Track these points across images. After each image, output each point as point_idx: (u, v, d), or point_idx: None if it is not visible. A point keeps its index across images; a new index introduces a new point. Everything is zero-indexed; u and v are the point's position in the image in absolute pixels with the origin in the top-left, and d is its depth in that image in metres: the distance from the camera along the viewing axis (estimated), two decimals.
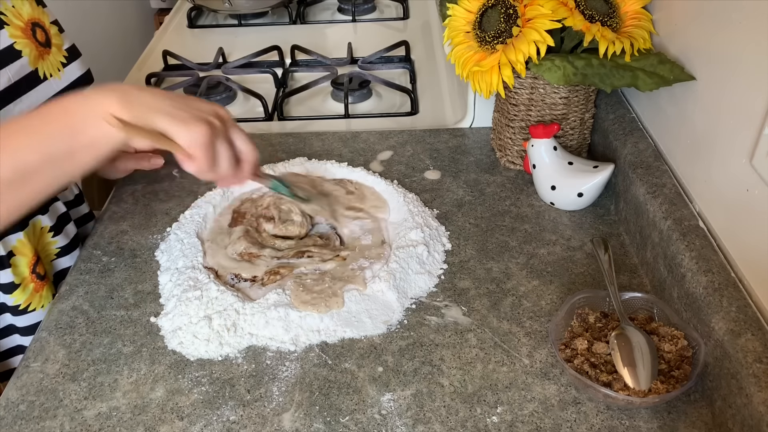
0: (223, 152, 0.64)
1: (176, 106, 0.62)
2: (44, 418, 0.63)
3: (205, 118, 0.62)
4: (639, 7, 0.82)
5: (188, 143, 0.61)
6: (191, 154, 0.62)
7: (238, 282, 0.76)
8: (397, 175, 0.94)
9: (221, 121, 0.64)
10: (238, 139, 0.66)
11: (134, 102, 0.60)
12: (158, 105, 0.61)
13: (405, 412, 0.63)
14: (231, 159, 0.65)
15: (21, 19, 0.75)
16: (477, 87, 0.83)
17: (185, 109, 0.62)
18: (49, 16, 0.81)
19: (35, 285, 0.79)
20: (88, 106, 0.59)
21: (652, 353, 0.62)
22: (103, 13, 2.17)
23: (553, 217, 0.86)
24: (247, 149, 0.67)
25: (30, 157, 0.59)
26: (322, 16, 1.56)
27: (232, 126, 0.66)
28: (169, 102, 0.62)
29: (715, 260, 0.66)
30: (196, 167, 0.63)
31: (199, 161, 0.62)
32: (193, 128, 0.60)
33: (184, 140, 0.61)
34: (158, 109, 0.60)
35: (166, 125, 0.60)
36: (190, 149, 0.61)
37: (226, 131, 0.65)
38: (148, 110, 0.60)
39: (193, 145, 0.61)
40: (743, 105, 0.65)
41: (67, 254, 0.85)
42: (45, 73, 0.77)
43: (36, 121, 0.60)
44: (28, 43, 0.75)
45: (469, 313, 0.73)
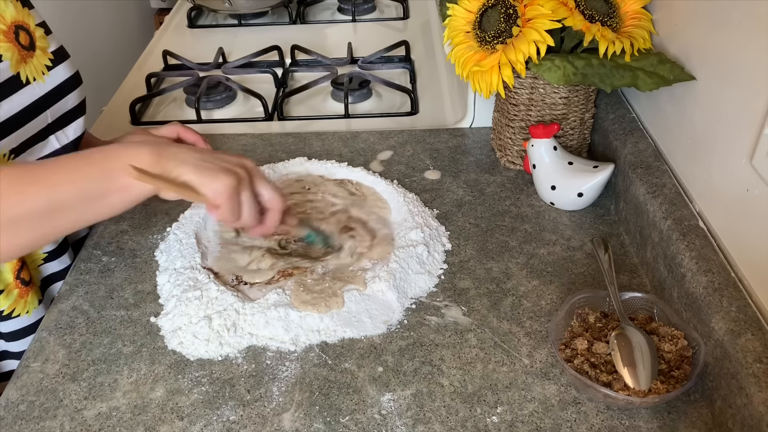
0: (247, 202, 0.67)
1: (204, 159, 0.66)
2: (44, 418, 0.63)
3: (230, 170, 0.65)
4: (639, 7, 0.82)
5: (213, 194, 0.64)
6: (216, 204, 0.65)
7: (238, 284, 0.76)
8: (397, 175, 0.94)
9: (247, 172, 0.67)
10: (263, 189, 0.69)
11: (165, 155, 0.64)
12: (187, 158, 0.65)
13: (405, 412, 0.63)
14: (254, 208, 0.68)
15: (3, 22, 0.74)
16: (477, 87, 0.83)
17: (212, 162, 0.65)
18: (35, 18, 0.80)
19: (20, 291, 0.78)
20: (126, 155, 0.63)
21: (652, 353, 0.62)
22: (104, 12, 2.17)
23: (553, 217, 0.86)
24: (273, 198, 0.70)
25: (67, 193, 0.62)
26: (322, 16, 1.56)
27: (257, 176, 0.69)
28: (198, 156, 0.66)
29: (715, 260, 0.66)
30: (221, 216, 0.66)
31: (224, 211, 0.65)
32: (218, 180, 0.64)
33: (209, 191, 0.64)
34: (186, 161, 0.64)
35: (192, 177, 0.64)
36: (214, 200, 0.65)
37: (252, 182, 0.68)
38: (177, 163, 0.64)
39: (218, 196, 0.64)
40: (743, 105, 0.65)
41: (55, 259, 0.84)
42: (27, 77, 0.76)
43: (77, 161, 0.64)
44: (10, 47, 0.74)
45: (469, 313, 0.73)
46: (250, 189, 0.67)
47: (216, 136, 1.04)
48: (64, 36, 0.93)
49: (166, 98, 1.22)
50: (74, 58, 0.87)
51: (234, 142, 1.03)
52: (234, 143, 1.03)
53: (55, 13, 0.83)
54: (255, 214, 0.68)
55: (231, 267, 0.78)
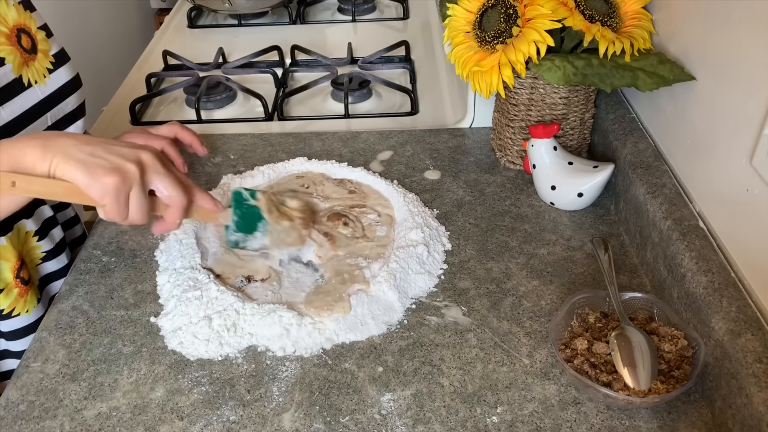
0: (134, 201, 0.63)
1: (94, 153, 0.62)
2: (44, 418, 0.63)
3: (118, 168, 0.62)
4: (639, 7, 0.82)
5: (98, 194, 0.61)
6: (100, 203, 0.62)
7: (246, 285, 0.76)
8: (397, 175, 0.94)
9: (140, 167, 0.63)
10: (161, 185, 0.65)
11: (52, 147, 0.61)
12: (74, 152, 0.61)
13: (405, 412, 0.63)
14: (143, 207, 0.64)
15: (6, 25, 0.74)
16: (477, 87, 0.83)
17: (102, 157, 0.62)
18: (37, 21, 0.80)
19: (20, 290, 0.78)
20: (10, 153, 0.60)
21: (652, 353, 0.62)
22: (104, 13, 2.17)
23: (553, 217, 0.86)
24: (171, 194, 0.66)
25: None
26: (322, 16, 1.56)
27: (152, 172, 0.65)
28: (90, 150, 0.62)
29: (715, 260, 0.66)
30: (106, 215, 0.63)
31: (108, 211, 0.63)
32: (102, 179, 0.61)
33: (95, 193, 0.61)
34: (73, 156, 0.61)
35: (76, 175, 0.61)
36: (99, 200, 0.62)
37: (143, 178, 0.64)
38: (62, 157, 0.61)
39: (103, 195, 0.61)
40: (743, 105, 0.65)
41: (53, 258, 0.84)
42: (29, 80, 0.76)
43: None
44: (12, 50, 0.74)
45: (469, 313, 0.73)
46: (140, 186, 0.63)
47: (216, 136, 1.04)
48: (64, 36, 0.93)
49: (166, 98, 1.22)
50: (75, 58, 0.87)
51: (234, 142, 1.03)
52: (234, 143, 1.03)
53: (56, 14, 0.83)
54: (143, 213, 0.64)
55: (239, 264, 0.78)
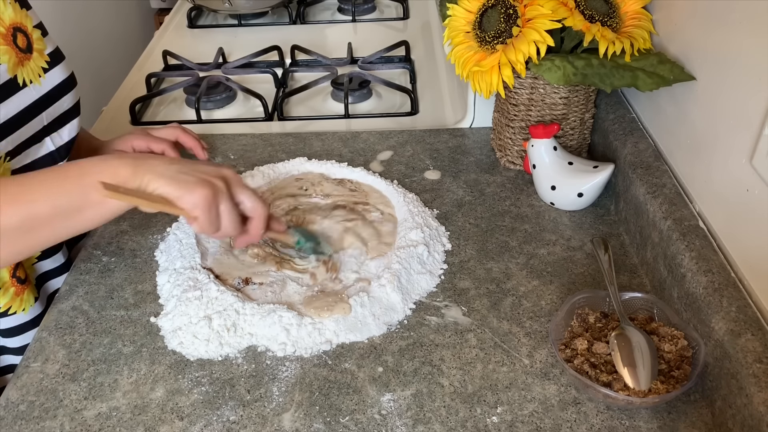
0: (226, 213, 0.66)
1: (181, 171, 0.65)
2: (44, 418, 0.63)
3: (207, 181, 0.65)
4: (639, 7, 0.82)
5: (190, 207, 0.64)
6: (194, 216, 0.64)
7: (243, 287, 0.76)
8: (397, 175, 0.94)
9: (225, 182, 0.66)
10: (245, 198, 0.68)
11: (142, 167, 0.63)
12: (164, 171, 0.64)
13: (405, 412, 0.63)
14: (234, 219, 0.67)
15: (2, 24, 0.74)
16: (477, 87, 0.83)
17: (189, 174, 0.65)
18: (33, 20, 0.79)
19: (16, 288, 0.78)
20: (102, 170, 0.63)
21: (652, 353, 0.62)
22: (104, 13, 2.17)
23: (553, 217, 0.86)
24: (255, 206, 0.69)
25: (42, 209, 0.62)
26: (322, 16, 1.56)
27: (237, 185, 0.68)
28: (175, 168, 0.65)
29: (715, 260, 0.66)
30: (199, 228, 0.65)
31: (202, 222, 0.65)
32: (194, 192, 0.63)
33: (186, 204, 0.64)
34: (162, 174, 0.64)
35: (169, 190, 0.63)
36: (191, 212, 0.64)
37: (230, 191, 0.67)
38: (153, 175, 0.63)
39: (194, 208, 0.64)
40: (743, 105, 0.65)
41: (49, 257, 0.84)
42: (24, 80, 0.76)
43: (53, 176, 0.64)
44: (8, 50, 0.74)
45: (469, 313, 0.73)
46: (229, 199, 0.66)
47: (216, 136, 1.04)
48: (64, 36, 0.93)
49: (166, 98, 1.22)
50: (74, 58, 0.86)
51: (234, 142, 1.03)
52: (234, 143, 1.03)
53: (55, 14, 0.83)
54: (236, 224, 0.67)
55: (238, 266, 0.78)
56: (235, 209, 0.67)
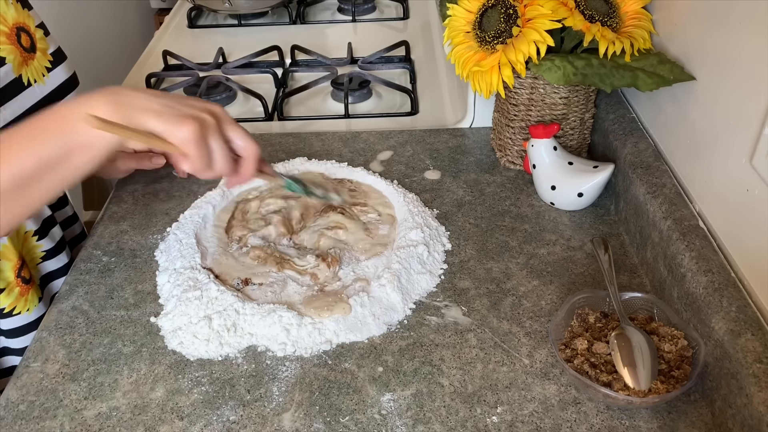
0: (217, 148, 0.63)
1: (167, 104, 0.61)
2: (44, 418, 0.63)
3: (195, 115, 0.61)
4: (639, 7, 0.82)
5: (179, 141, 0.60)
6: (185, 152, 0.61)
7: (243, 287, 0.75)
8: (397, 175, 0.94)
9: (215, 118, 0.63)
10: (235, 136, 0.65)
11: (124, 103, 0.60)
12: (148, 105, 0.60)
13: (405, 412, 0.63)
14: (227, 155, 0.64)
15: (6, 24, 0.74)
16: (477, 87, 0.83)
17: (176, 108, 0.61)
18: (35, 20, 0.79)
19: (21, 289, 0.78)
20: (81, 110, 0.59)
21: (652, 353, 0.62)
22: (103, 13, 2.17)
23: (553, 217, 0.86)
24: (247, 145, 0.66)
25: (27, 164, 0.58)
26: (322, 16, 1.56)
27: (227, 122, 0.65)
28: (161, 101, 0.61)
29: (715, 260, 0.66)
30: (191, 165, 0.62)
31: (193, 159, 0.61)
32: (183, 126, 0.60)
33: (175, 138, 0.60)
34: (147, 108, 0.60)
35: (155, 124, 0.60)
36: (182, 147, 0.61)
37: (220, 128, 0.64)
38: (137, 110, 0.60)
39: (185, 143, 0.60)
40: (743, 105, 0.65)
41: (54, 257, 0.84)
42: (29, 80, 0.76)
43: (31, 129, 0.60)
44: (13, 49, 0.74)
45: (469, 313, 0.73)
46: (220, 135, 0.63)
47: None
48: (64, 36, 0.93)
49: None
50: (74, 58, 0.87)
51: None
52: None
53: (55, 14, 0.83)
54: (228, 162, 0.64)
55: (237, 267, 0.78)
56: (225, 145, 0.64)
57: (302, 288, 0.75)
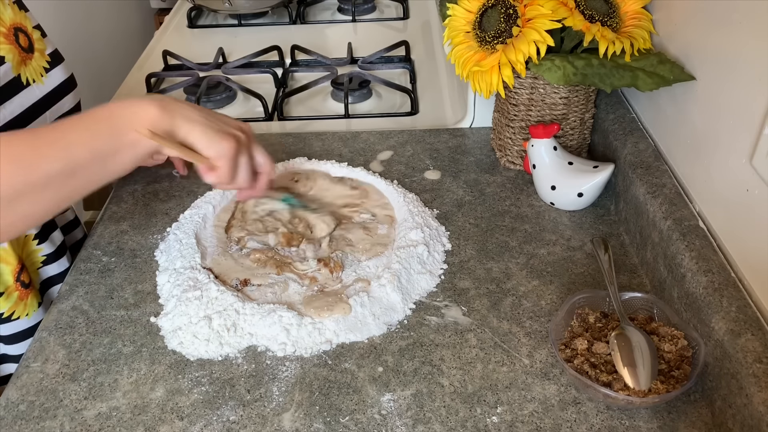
0: (244, 165, 0.69)
1: (209, 118, 0.67)
2: (44, 418, 0.63)
3: (232, 133, 0.67)
4: (639, 7, 0.82)
5: (215, 155, 0.66)
6: (216, 165, 0.67)
7: (242, 288, 0.75)
8: (397, 175, 0.94)
9: (246, 136, 0.69)
10: (258, 154, 0.72)
11: (171, 110, 0.64)
12: (192, 115, 0.65)
13: (405, 412, 0.63)
14: (250, 172, 0.70)
15: (3, 24, 0.74)
16: (477, 87, 0.83)
17: (216, 123, 0.67)
18: (32, 21, 0.80)
19: (20, 293, 0.78)
20: (133, 111, 0.63)
21: (652, 353, 0.62)
22: (104, 13, 2.17)
23: (553, 217, 0.86)
24: (265, 163, 0.73)
25: (80, 153, 0.61)
26: (322, 16, 1.56)
27: (254, 140, 0.71)
28: (203, 114, 0.67)
29: (715, 260, 0.66)
30: (217, 178, 0.68)
31: (222, 173, 0.67)
32: (221, 142, 0.66)
33: (213, 152, 0.66)
34: (192, 119, 0.65)
35: (198, 136, 0.65)
36: (216, 161, 0.66)
37: (249, 145, 0.70)
38: (183, 119, 0.65)
39: (219, 158, 0.66)
40: (743, 105, 0.65)
41: (54, 261, 0.84)
42: (28, 79, 0.76)
43: (88, 122, 0.63)
44: (11, 49, 0.74)
45: (469, 313, 0.73)
46: (248, 152, 0.69)
47: None
48: (64, 36, 0.93)
49: None
50: (74, 58, 0.87)
51: None
52: None
53: (56, 14, 0.83)
54: (250, 177, 0.70)
55: (236, 268, 0.77)
56: (250, 163, 0.70)
57: (302, 288, 0.75)
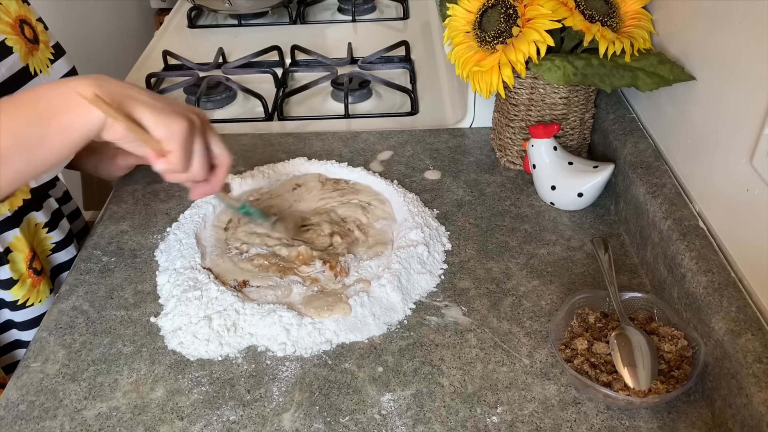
0: (199, 152, 0.61)
1: (157, 99, 0.60)
2: (44, 418, 0.63)
3: (184, 114, 0.60)
4: (639, 7, 0.82)
5: (166, 136, 0.59)
6: (166, 148, 0.59)
7: (242, 287, 0.75)
8: (397, 175, 0.94)
9: (200, 120, 0.63)
10: (214, 142, 0.64)
11: (111, 90, 0.57)
12: (139, 96, 0.59)
13: (405, 412, 0.63)
14: (205, 160, 0.63)
15: (9, 15, 0.75)
16: (477, 87, 0.83)
17: (164, 103, 0.60)
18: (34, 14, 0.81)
19: (32, 280, 0.80)
20: (62, 92, 0.57)
21: (652, 353, 0.62)
22: (104, 13, 2.17)
23: (553, 217, 0.86)
24: (223, 153, 0.65)
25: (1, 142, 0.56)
26: (322, 16, 1.56)
27: (210, 127, 0.64)
28: (148, 94, 0.60)
29: (715, 260, 0.66)
30: (168, 164, 0.60)
31: (174, 157, 0.60)
32: (172, 121, 0.58)
33: (162, 132, 0.58)
34: (138, 99, 0.58)
35: (144, 114, 0.58)
36: (166, 142, 0.59)
37: (204, 131, 0.63)
38: (126, 98, 0.58)
39: (170, 139, 0.59)
40: (743, 105, 0.65)
41: (63, 249, 0.86)
42: (35, 69, 0.77)
43: (7, 106, 0.57)
44: (18, 40, 0.75)
45: (469, 313, 0.73)
46: (203, 139, 0.62)
47: None
48: (64, 36, 0.93)
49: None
50: (74, 57, 0.88)
51: (234, 142, 1.03)
52: (234, 143, 1.02)
53: (56, 13, 0.84)
54: (205, 168, 0.63)
55: (235, 271, 0.77)
56: (206, 150, 0.62)
57: (302, 288, 0.75)
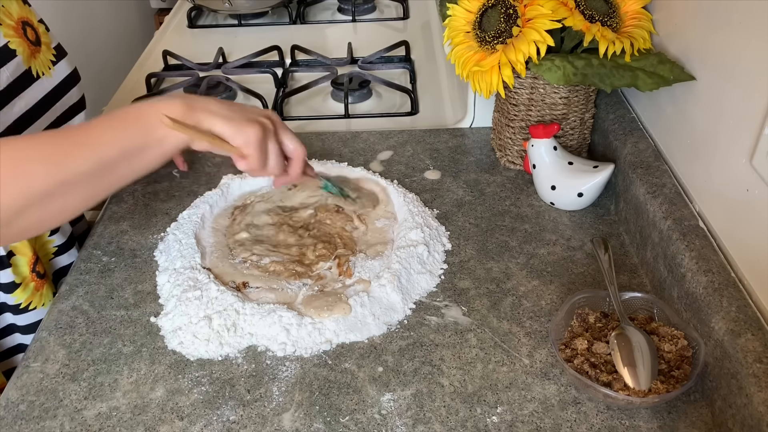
0: (273, 151, 0.69)
1: (232, 110, 0.68)
2: (44, 418, 0.63)
3: (257, 120, 0.68)
4: (639, 7, 0.82)
5: (242, 143, 0.66)
6: (245, 153, 0.67)
7: (243, 288, 0.75)
8: (397, 175, 0.94)
9: (272, 123, 0.70)
10: (287, 139, 0.72)
11: (196, 107, 0.65)
12: (217, 110, 0.66)
13: (405, 412, 0.63)
14: (280, 157, 0.70)
15: (11, 18, 0.75)
16: (477, 87, 0.83)
17: (240, 113, 0.68)
18: (36, 15, 0.81)
19: (35, 284, 0.80)
20: (158, 108, 0.64)
21: (652, 353, 0.62)
22: (104, 13, 2.17)
23: (553, 217, 0.86)
24: (296, 147, 0.73)
25: (109, 152, 0.62)
26: (322, 16, 1.56)
27: (281, 126, 0.72)
28: (228, 107, 0.68)
29: (715, 260, 0.66)
30: (248, 165, 0.68)
31: (252, 160, 0.68)
32: (246, 130, 0.66)
33: (239, 141, 0.66)
34: (216, 113, 0.66)
35: (222, 128, 0.66)
36: (244, 149, 0.67)
37: (276, 131, 0.70)
38: (207, 113, 0.66)
39: (247, 145, 0.67)
40: (743, 105, 0.65)
41: (65, 252, 0.86)
42: (37, 72, 0.78)
43: (117, 121, 0.65)
44: (21, 42, 0.76)
45: (469, 313, 0.73)
46: (276, 139, 0.70)
47: None
48: (64, 36, 0.93)
49: None
50: (75, 57, 0.88)
51: None
52: None
53: (56, 13, 0.84)
54: (281, 163, 0.71)
55: (233, 273, 0.77)
56: (279, 149, 0.70)
57: (303, 287, 0.75)
